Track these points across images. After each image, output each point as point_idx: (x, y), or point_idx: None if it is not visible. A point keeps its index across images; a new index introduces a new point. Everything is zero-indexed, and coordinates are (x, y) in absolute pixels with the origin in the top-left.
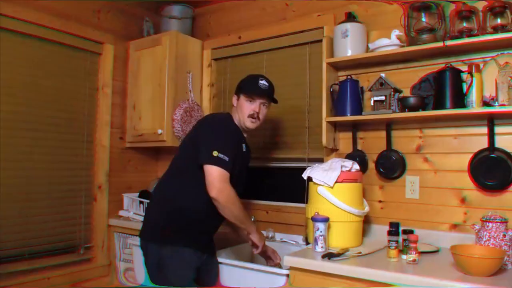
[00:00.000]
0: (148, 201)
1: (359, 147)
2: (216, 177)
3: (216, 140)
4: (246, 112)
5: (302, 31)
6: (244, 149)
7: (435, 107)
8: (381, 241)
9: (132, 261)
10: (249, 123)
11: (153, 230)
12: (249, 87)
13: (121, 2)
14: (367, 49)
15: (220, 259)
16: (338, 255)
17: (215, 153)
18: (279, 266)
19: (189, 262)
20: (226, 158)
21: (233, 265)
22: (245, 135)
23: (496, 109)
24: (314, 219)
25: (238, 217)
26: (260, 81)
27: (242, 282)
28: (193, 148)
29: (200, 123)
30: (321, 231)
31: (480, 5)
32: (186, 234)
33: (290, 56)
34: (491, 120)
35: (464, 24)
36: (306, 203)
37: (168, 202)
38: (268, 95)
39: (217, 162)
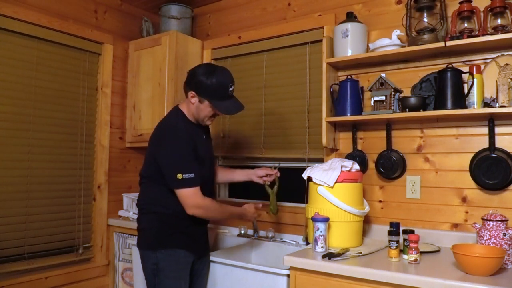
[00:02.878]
0: None
1: (359, 147)
2: (187, 197)
3: (176, 162)
4: (207, 115)
5: (302, 31)
6: (203, 138)
7: (436, 107)
8: (381, 241)
9: (131, 261)
10: (208, 122)
11: (147, 237)
12: (218, 99)
13: (120, 2)
14: (368, 49)
15: (219, 259)
16: (339, 255)
17: (179, 176)
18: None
19: (184, 263)
20: (192, 175)
21: (232, 265)
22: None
23: (496, 110)
24: (314, 219)
25: (221, 218)
26: (230, 90)
27: (242, 282)
28: (156, 162)
29: (155, 137)
30: (321, 231)
31: (481, 6)
32: (179, 236)
33: (290, 56)
34: (491, 121)
35: (465, 25)
36: (306, 203)
37: (155, 209)
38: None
39: (184, 184)
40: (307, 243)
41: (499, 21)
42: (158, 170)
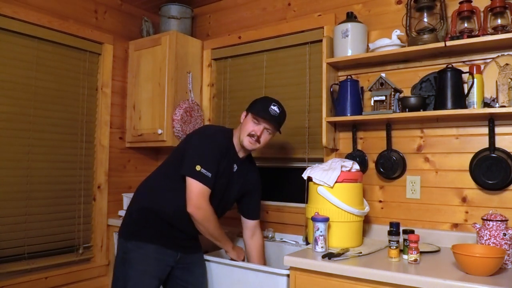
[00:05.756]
0: None
1: (359, 147)
2: (195, 193)
3: (202, 154)
4: (247, 130)
5: (302, 31)
6: (234, 169)
7: (436, 107)
8: (381, 241)
9: None
10: (247, 142)
11: (124, 225)
12: (259, 108)
13: (120, 2)
14: (368, 49)
15: (219, 259)
16: (339, 255)
17: (198, 168)
18: None
19: (154, 259)
20: (209, 174)
21: (232, 265)
22: (241, 155)
23: (496, 110)
24: (314, 219)
25: (212, 235)
26: (272, 107)
27: (242, 282)
28: (182, 154)
29: (194, 132)
30: (321, 231)
31: (481, 6)
32: (153, 231)
33: (290, 56)
34: (491, 121)
35: (465, 25)
36: (306, 203)
37: (143, 200)
38: (275, 122)
39: (198, 177)
40: (307, 243)
41: (499, 21)
42: (176, 165)
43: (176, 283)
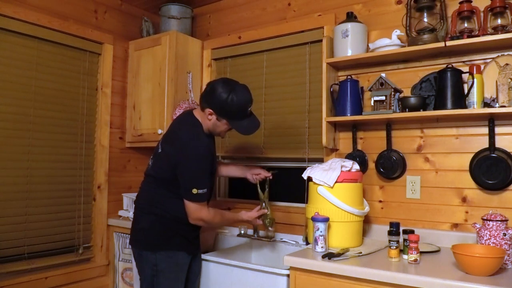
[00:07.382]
0: None
1: (359, 147)
2: (194, 211)
3: (195, 177)
4: (222, 132)
5: (302, 31)
6: (214, 148)
7: (436, 107)
8: (381, 241)
9: (131, 261)
10: (223, 135)
11: (147, 238)
12: (237, 118)
13: (120, 2)
14: (368, 49)
15: (219, 259)
16: (339, 255)
17: (194, 191)
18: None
19: (182, 265)
20: (205, 190)
21: (232, 265)
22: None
23: (496, 110)
24: (314, 219)
25: (222, 226)
26: (248, 110)
27: (242, 282)
28: (173, 169)
29: (176, 145)
30: (321, 231)
31: (481, 6)
32: (179, 239)
33: (290, 56)
34: (491, 121)
35: (465, 25)
36: (306, 203)
37: (156, 211)
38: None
39: (196, 198)
40: (307, 243)
41: (499, 21)
42: (171, 175)
43: None
